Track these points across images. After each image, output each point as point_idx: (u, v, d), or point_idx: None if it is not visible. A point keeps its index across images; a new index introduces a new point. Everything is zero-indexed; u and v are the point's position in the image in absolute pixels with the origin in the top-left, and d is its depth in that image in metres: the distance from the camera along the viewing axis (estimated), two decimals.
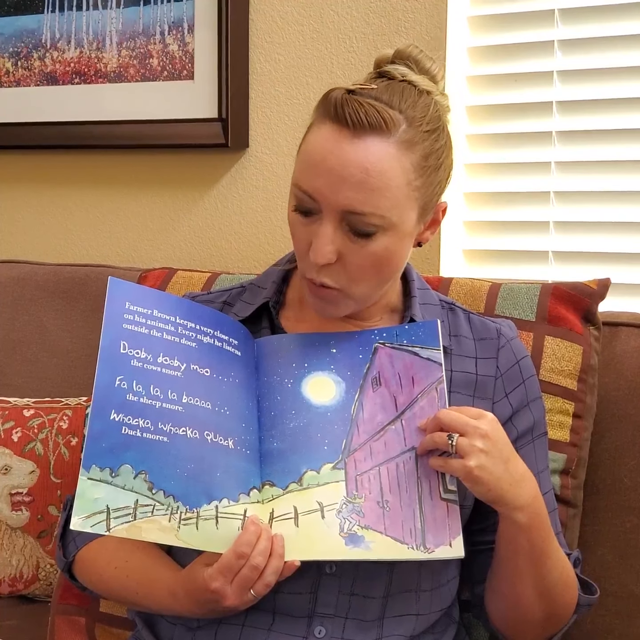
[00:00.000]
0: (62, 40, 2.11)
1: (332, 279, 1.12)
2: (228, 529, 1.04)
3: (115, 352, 1.06)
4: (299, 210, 1.12)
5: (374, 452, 1.09)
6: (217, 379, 1.10)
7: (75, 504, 0.99)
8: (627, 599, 1.38)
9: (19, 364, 1.94)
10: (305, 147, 1.13)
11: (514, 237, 1.82)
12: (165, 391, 1.06)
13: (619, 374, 1.43)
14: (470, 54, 1.83)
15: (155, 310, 1.10)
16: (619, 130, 1.72)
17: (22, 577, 1.69)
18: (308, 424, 1.11)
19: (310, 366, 1.14)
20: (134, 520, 1.00)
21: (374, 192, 1.07)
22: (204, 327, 1.13)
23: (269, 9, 1.93)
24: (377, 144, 1.07)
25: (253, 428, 1.11)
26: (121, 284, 1.11)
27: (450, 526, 1.06)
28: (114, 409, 1.03)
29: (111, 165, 2.12)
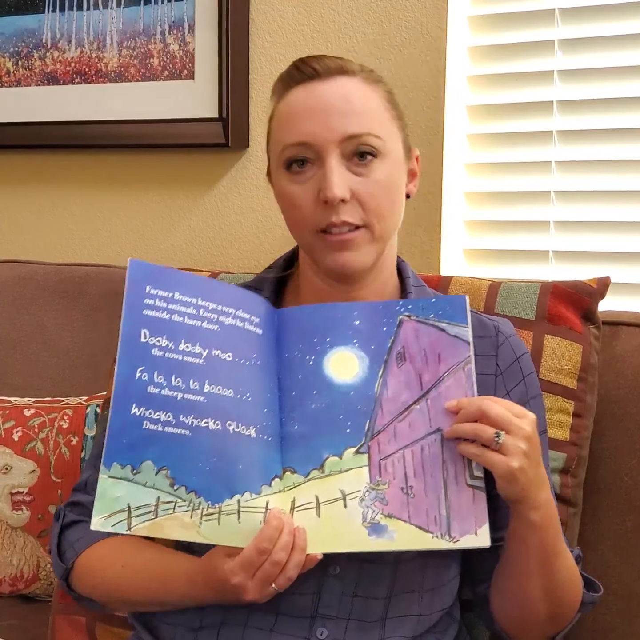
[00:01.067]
0: (63, 40, 2.11)
1: (352, 215, 1.13)
2: (250, 523, 1.02)
3: (135, 341, 1.02)
4: (295, 164, 1.14)
5: (399, 434, 1.05)
6: (239, 364, 1.06)
7: (96, 504, 0.98)
8: (629, 598, 1.38)
9: (20, 363, 1.94)
10: (277, 117, 1.17)
11: (514, 236, 1.82)
12: (187, 381, 1.03)
13: (620, 373, 1.43)
14: (470, 53, 1.83)
15: (177, 292, 1.06)
16: (620, 129, 1.72)
17: (22, 576, 1.69)
18: (330, 405, 1.07)
19: (332, 340, 1.09)
20: (155, 518, 0.99)
21: (362, 114, 1.13)
22: (226, 307, 1.08)
23: (269, 8, 1.93)
24: (346, 80, 1.15)
25: (274, 411, 1.07)
26: (142, 265, 1.06)
27: (476, 514, 1.02)
28: (135, 402, 1.00)
29: (111, 164, 2.12)
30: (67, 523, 1.25)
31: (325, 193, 1.12)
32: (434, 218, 1.81)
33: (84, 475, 1.29)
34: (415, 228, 1.82)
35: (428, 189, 1.80)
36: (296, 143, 1.13)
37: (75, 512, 1.25)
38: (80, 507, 1.25)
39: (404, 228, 1.25)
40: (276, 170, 1.18)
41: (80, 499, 1.26)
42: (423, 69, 1.81)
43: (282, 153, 1.15)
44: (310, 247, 1.18)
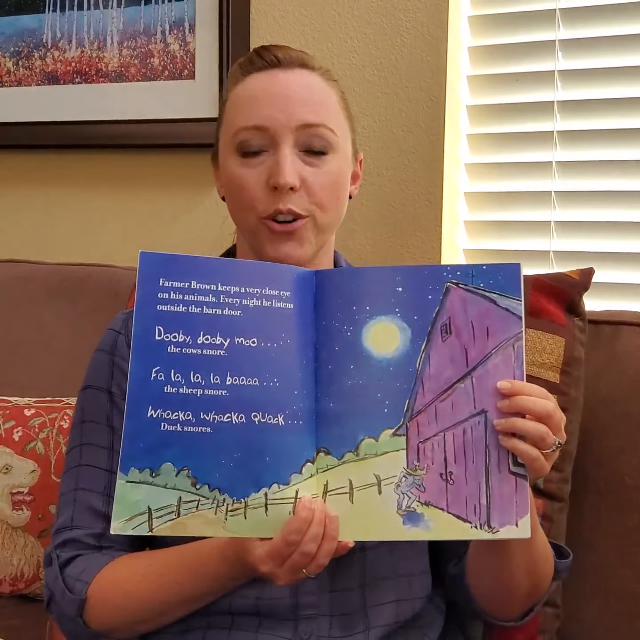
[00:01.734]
0: (63, 40, 2.11)
1: (298, 204, 1.14)
2: (279, 515, 0.98)
3: (149, 340, 0.97)
4: (247, 151, 1.14)
5: (440, 414, 0.99)
6: (265, 348, 1.01)
7: (115, 508, 0.94)
8: (629, 598, 1.38)
9: (20, 363, 1.93)
10: (233, 100, 1.18)
11: (515, 237, 1.82)
12: (207, 376, 0.98)
13: (621, 373, 1.43)
14: (471, 54, 1.83)
15: (194, 281, 1.00)
16: (621, 130, 1.72)
17: (23, 576, 1.69)
18: (367, 381, 1.00)
19: (372, 309, 1.01)
20: (177, 518, 0.96)
21: (321, 105, 1.15)
22: (250, 287, 1.02)
23: (270, 8, 1.93)
24: (307, 73, 1.17)
25: (308, 391, 1.01)
26: (153, 257, 1.00)
27: (518, 503, 0.96)
28: (151, 405, 0.96)
29: (112, 164, 2.12)
30: (63, 562, 1.17)
31: (277, 179, 1.12)
32: (434, 218, 1.81)
33: (63, 517, 1.21)
34: (415, 228, 1.82)
35: (428, 189, 1.80)
36: (252, 126, 1.14)
37: (68, 550, 1.18)
38: (72, 544, 1.18)
39: (404, 228, 1.25)
40: (226, 154, 1.18)
41: (69, 536, 1.19)
42: (424, 69, 1.81)
43: (235, 136, 1.15)
44: (253, 234, 1.17)
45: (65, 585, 1.15)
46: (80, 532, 1.18)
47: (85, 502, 1.19)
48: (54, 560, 1.17)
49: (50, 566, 1.18)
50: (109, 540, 1.18)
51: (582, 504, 1.42)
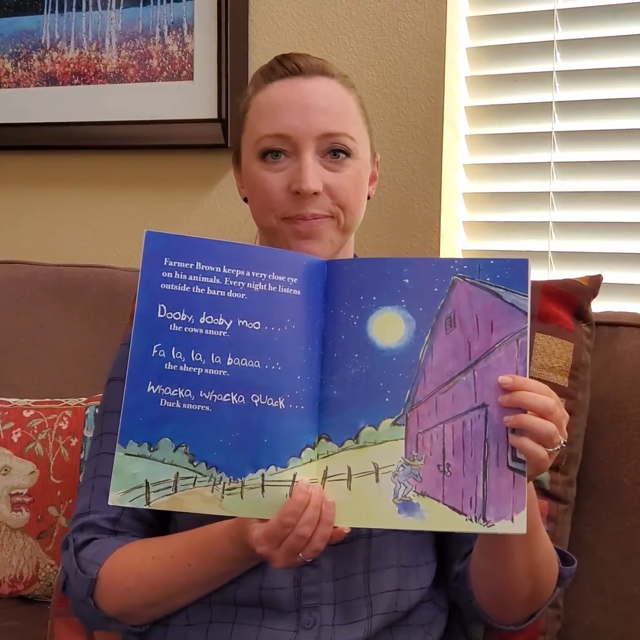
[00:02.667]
0: (62, 41, 2.11)
1: (322, 207, 1.17)
2: (275, 497, 0.99)
3: (152, 317, 0.99)
4: (270, 154, 1.17)
5: (440, 406, 0.99)
6: (268, 332, 1.02)
7: (113, 480, 0.97)
8: (628, 599, 1.38)
9: (19, 364, 1.94)
10: (255, 108, 1.20)
11: (513, 238, 1.82)
12: (207, 355, 1.00)
13: (619, 374, 1.43)
14: (469, 54, 1.83)
15: (199, 262, 1.01)
16: (619, 131, 1.72)
17: (22, 577, 1.69)
18: (371, 370, 1.01)
19: (379, 300, 1.02)
20: (174, 493, 0.98)
21: (341, 115, 1.18)
22: (256, 272, 1.03)
23: (268, 9, 1.93)
24: (326, 80, 1.20)
25: (311, 377, 1.02)
26: (159, 237, 1.02)
27: (514, 499, 0.95)
28: (151, 380, 0.98)
29: (111, 165, 2.12)
30: (79, 545, 1.20)
31: (300, 185, 1.15)
32: (433, 219, 1.81)
33: (82, 503, 1.24)
34: (414, 229, 1.82)
35: (427, 190, 1.80)
36: (274, 134, 1.17)
37: (85, 534, 1.21)
38: (88, 528, 1.21)
39: (403, 229, 1.25)
40: (249, 158, 1.21)
41: (86, 520, 1.21)
42: (422, 70, 1.81)
43: (258, 143, 1.18)
44: (275, 232, 1.20)
45: (78, 566, 1.18)
46: (97, 516, 1.21)
47: (102, 487, 1.20)
48: (70, 543, 1.20)
49: (67, 549, 1.20)
50: (124, 526, 1.21)
51: (580, 505, 1.42)
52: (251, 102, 1.22)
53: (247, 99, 1.23)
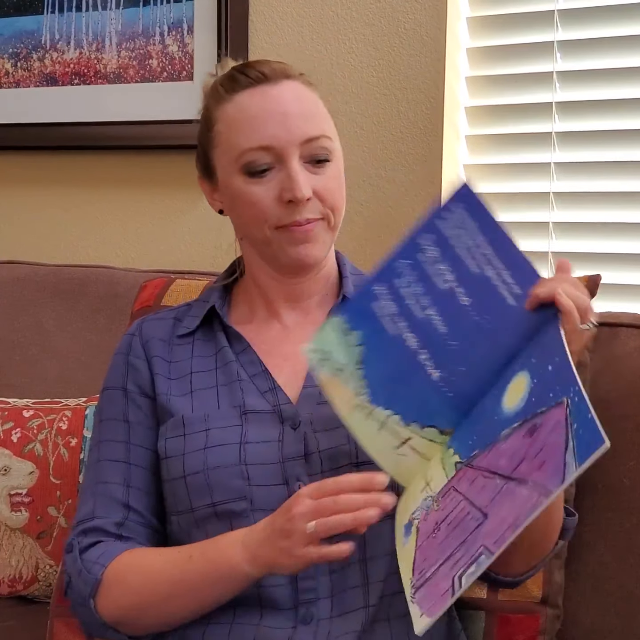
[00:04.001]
0: (62, 41, 2.11)
1: (314, 212, 1.18)
2: (385, 441, 1.07)
3: (416, 248, 1.07)
4: (255, 172, 1.17)
5: (473, 483, 1.00)
6: (468, 312, 1.06)
7: (317, 334, 1.09)
8: (627, 599, 1.38)
9: (19, 364, 1.93)
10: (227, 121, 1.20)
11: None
12: (421, 293, 1.07)
13: (619, 375, 1.43)
14: (469, 55, 1.83)
15: (480, 237, 1.06)
16: (619, 131, 1.72)
17: (21, 577, 1.69)
18: (495, 423, 1.01)
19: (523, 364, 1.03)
20: (335, 377, 1.08)
21: (315, 116, 1.19)
22: (497, 260, 1.06)
23: (268, 10, 1.93)
24: (291, 83, 1.20)
25: (475, 378, 1.05)
26: (472, 197, 1.09)
27: (435, 603, 0.95)
28: (381, 283, 1.08)
29: (111, 166, 2.12)
30: (83, 547, 1.19)
31: (294, 193, 1.16)
32: None
33: (84, 510, 1.22)
34: None
35: (427, 190, 1.80)
36: (258, 147, 1.17)
37: (90, 537, 1.20)
38: (93, 532, 1.20)
39: (403, 230, 1.25)
40: (229, 173, 1.20)
41: (90, 525, 1.20)
42: (422, 71, 1.81)
43: (240, 157, 1.18)
44: (268, 242, 1.20)
45: (83, 567, 1.17)
46: (102, 521, 1.20)
47: (105, 493, 1.21)
48: (74, 546, 1.19)
49: (71, 552, 1.20)
50: (130, 530, 1.20)
51: (580, 505, 1.41)
52: (217, 115, 1.21)
53: (209, 112, 1.23)
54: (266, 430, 1.17)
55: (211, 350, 1.24)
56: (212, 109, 1.22)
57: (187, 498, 1.16)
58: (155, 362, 1.24)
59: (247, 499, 1.14)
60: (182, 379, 1.23)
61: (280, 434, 1.16)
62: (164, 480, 1.21)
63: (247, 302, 1.28)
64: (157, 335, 1.27)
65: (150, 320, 1.30)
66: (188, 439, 1.18)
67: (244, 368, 1.22)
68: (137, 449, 1.22)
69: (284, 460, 1.14)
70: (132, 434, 1.23)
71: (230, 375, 1.21)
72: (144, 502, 1.21)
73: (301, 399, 1.19)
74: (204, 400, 1.21)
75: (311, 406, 1.18)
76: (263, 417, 1.18)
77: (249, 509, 1.14)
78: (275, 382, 1.20)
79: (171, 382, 1.23)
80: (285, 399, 1.19)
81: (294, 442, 1.15)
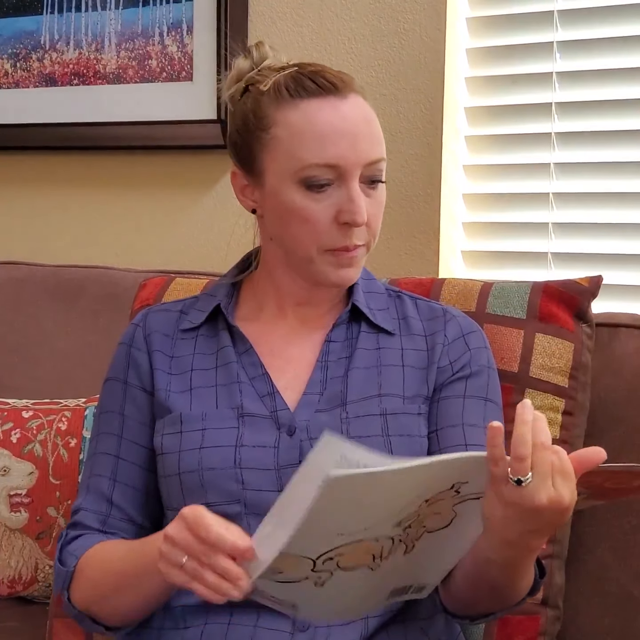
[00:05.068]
0: (61, 42, 2.11)
1: (361, 238, 1.17)
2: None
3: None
4: (314, 186, 1.14)
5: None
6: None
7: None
8: (626, 600, 1.38)
9: (18, 365, 1.94)
10: (291, 129, 1.14)
11: (513, 239, 1.82)
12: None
13: (618, 375, 1.43)
14: (469, 55, 1.83)
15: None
16: (619, 131, 1.72)
17: (20, 578, 1.69)
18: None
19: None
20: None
21: (380, 139, 1.17)
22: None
23: (268, 10, 1.93)
24: (357, 98, 1.17)
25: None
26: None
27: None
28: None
29: (110, 166, 2.12)
30: (68, 540, 1.22)
31: (353, 217, 1.13)
32: (432, 220, 1.81)
33: (78, 501, 1.25)
34: (413, 230, 1.82)
35: (427, 191, 1.80)
36: (324, 165, 1.13)
37: (77, 530, 1.23)
38: (79, 525, 1.23)
39: (403, 230, 1.25)
40: (284, 182, 1.16)
41: (78, 518, 1.23)
42: (421, 71, 1.81)
43: (302, 170, 1.14)
44: (310, 261, 1.18)
45: (59, 559, 1.20)
46: (87, 514, 1.22)
47: (95, 486, 1.23)
48: (61, 538, 1.23)
49: (59, 542, 1.23)
50: (113, 527, 1.21)
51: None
52: (277, 117, 1.15)
53: (262, 109, 1.17)
54: (262, 435, 1.16)
55: (212, 348, 1.24)
56: (270, 109, 1.16)
57: (180, 495, 1.16)
58: (156, 356, 1.24)
59: (240, 502, 1.13)
60: (182, 375, 1.23)
61: (276, 440, 1.16)
62: (160, 476, 1.21)
63: (257, 297, 1.26)
64: (160, 330, 1.26)
65: (156, 312, 1.29)
66: (184, 437, 1.18)
67: (245, 370, 1.21)
68: (129, 444, 1.23)
69: (279, 467, 1.14)
70: (125, 429, 1.23)
71: (230, 376, 1.21)
72: (129, 498, 1.22)
73: (300, 406, 1.18)
74: (203, 399, 1.20)
75: (309, 413, 1.17)
76: (260, 422, 1.17)
77: (243, 512, 1.13)
78: (274, 386, 1.19)
79: (171, 378, 1.23)
80: (283, 405, 1.18)
81: (290, 449, 1.15)
